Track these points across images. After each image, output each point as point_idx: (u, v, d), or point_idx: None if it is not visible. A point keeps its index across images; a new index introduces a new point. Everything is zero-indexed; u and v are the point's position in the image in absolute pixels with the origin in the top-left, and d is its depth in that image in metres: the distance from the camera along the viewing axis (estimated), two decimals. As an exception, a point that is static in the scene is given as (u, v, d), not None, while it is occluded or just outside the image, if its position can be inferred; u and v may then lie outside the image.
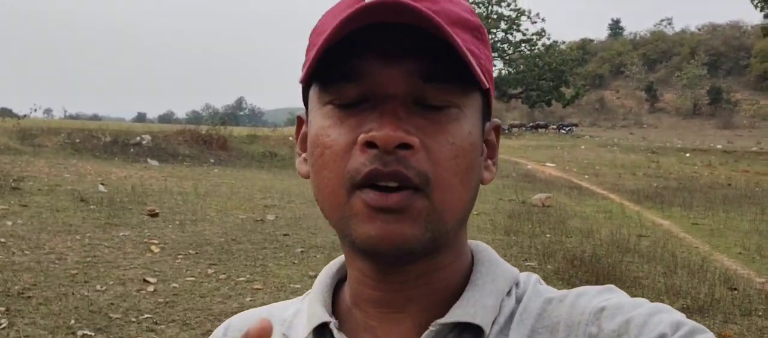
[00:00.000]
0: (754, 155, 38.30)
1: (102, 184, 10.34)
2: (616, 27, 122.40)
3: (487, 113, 0.59)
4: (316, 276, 0.66)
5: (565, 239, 8.50)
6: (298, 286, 5.43)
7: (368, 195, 0.51)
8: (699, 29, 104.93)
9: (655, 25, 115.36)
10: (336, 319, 0.60)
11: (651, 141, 50.64)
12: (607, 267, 6.73)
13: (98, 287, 5.00)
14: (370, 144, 0.51)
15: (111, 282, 5.16)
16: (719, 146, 44.48)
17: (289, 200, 10.40)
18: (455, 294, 0.58)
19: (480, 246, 0.63)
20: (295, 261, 6.27)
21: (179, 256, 6.18)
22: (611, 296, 0.56)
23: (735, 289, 6.37)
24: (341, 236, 0.56)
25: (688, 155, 35.17)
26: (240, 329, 0.65)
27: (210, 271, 5.73)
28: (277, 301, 0.73)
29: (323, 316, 0.59)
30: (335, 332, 0.58)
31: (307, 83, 0.58)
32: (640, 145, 43.52)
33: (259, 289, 5.32)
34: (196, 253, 6.35)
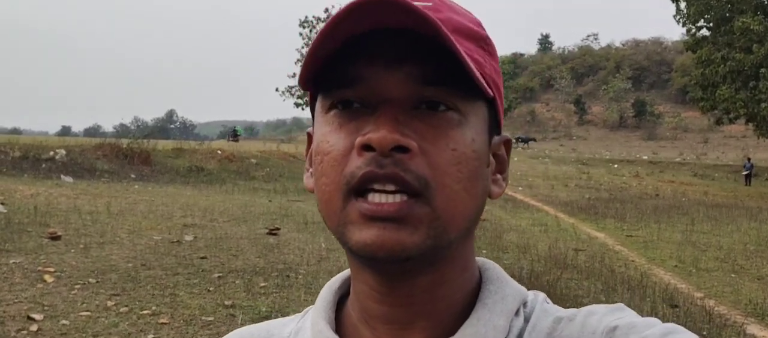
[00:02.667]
0: (678, 165, 39.69)
1: (2, 203, 9.38)
2: (545, 42, 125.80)
3: (494, 126, 0.57)
4: (232, 306, 2.26)
5: (501, 255, 8.17)
6: (210, 319, 4.84)
7: (362, 205, 0.50)
8: (623, 45, 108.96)
9: (582, 41, 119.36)
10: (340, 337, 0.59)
11: (581, 153, 51.86)
12: (547, 285, 6.40)
13: (-30, 327, 4.28)
14: (367, 147, 0.50)
15: (-13, 321, 4.44)
16: (645, 157, 45.91)
17: (211, 219, 9.72)
18: (463, 311, 0.57)
19: (488, 264, 0.61)
20: (211, 289, 5.66)
21: (76, 286, 5.47)
22: (622, 315, 0.55)
23: (676, 306, 6.14)
24: (342, 245, 0.54)
25: (616, 166, 36.03)
26: None
27: (110, 303, 5.06)
28: (183, 338, 0.79)
29: (329, 335, 0.58)
30: None
31: (313, 93, 0.57)
32: (570, 156, 44.43)
33: (165, 324, 4.69)
34: (97, 282, 5.65)
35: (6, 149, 16.44)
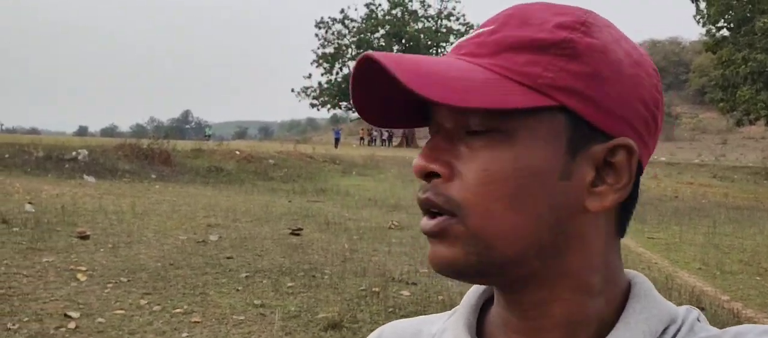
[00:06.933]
0: (696, 166, 39.33)
1: (30, 203, 9.53)
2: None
3: (585, 135, 0.53)
4: (261, 305, 2.05)
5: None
6: (241, 318, 4.91)
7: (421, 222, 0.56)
8: (641, 45, 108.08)
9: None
10: None
11: (597, 154, 51.45)
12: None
13: (10, 325, 4.37)
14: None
15: (26, 319, 4.52)
16: (663, 159, 45.55)
17: (234, 219, 9.81)
18: (602, 327, 0.56)
19: (638, 279, 0.59)
20: (239, 288, 5.73)
21: (109, 285, 5.57)
22: None
23: (703, 308, 6.12)
24: None
25: (634, 167, 35.74)
26: None
27: (143, 302, 5.14)
28: (217, 337, 1.66)
29: None
30: None
31: None
32: (587, 157, 44.04)
33: (198, 322, 4.76)
34: (129, 281, 5.74)
35: (30, 149, 16.67)
